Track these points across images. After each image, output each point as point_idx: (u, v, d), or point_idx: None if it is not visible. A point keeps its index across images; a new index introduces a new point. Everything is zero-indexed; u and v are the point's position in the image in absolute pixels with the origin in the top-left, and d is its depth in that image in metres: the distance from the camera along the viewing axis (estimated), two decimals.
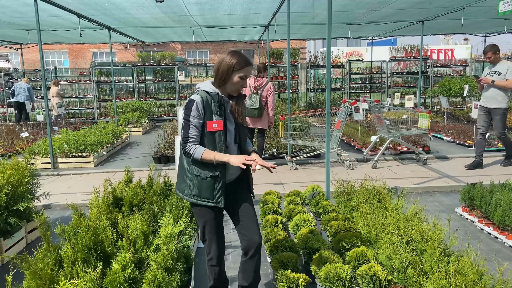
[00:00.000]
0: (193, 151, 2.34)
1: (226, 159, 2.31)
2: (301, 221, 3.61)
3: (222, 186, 2.42)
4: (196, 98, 2.36)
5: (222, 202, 2.43)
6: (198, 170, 2.41)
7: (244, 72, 2.39)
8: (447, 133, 9.53)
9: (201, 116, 2.35)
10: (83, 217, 3.05)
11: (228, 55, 2.42)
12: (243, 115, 2.52)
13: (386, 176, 6.14)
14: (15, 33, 12.00)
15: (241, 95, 2.55)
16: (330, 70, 4.53)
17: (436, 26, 12.91)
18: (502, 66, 6.15)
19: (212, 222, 2.51)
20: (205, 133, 2.38)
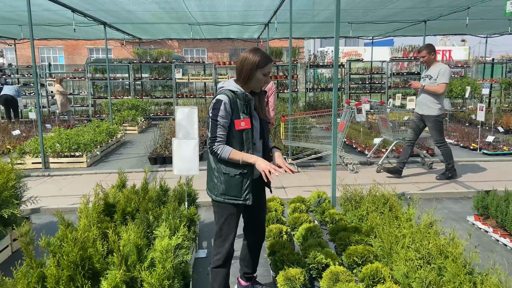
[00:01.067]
0: (220, 151, 2.39)
1: (253, 161, 2.37)
2: (307, 232, 3.36)
3: (250, 183, 2.45)
4: (223, 98, 2.39)
5: (250, 199, 2.46)
6: (226, 167, 2.45)
7: (268, 68, 2.45)
8: (450, 136, 9.32)
9: (228, 116, 2.39)
10: (71, 227, 2.78)
11: (249, 53, 2.45)
12: (264, 109, 2.60)
13: (391, 180, 5.90)
14: (8, 28, 11.66)
15: (262, 91, 2.60)
16: (337, 69, 4.28)
17: (438, 26, 12.70)
18: (435, 69, 5.63)
19: (233, 220, 2.54)
20: (233, 132, 2.42)
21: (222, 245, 2.56)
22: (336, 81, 4.31)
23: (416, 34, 14.40)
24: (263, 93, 2.60)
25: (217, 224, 2.58)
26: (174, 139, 3.63)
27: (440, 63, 5.77)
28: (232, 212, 2.51)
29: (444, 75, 5.54)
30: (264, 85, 2.51)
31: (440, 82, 5.55)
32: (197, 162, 3.60)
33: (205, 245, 3.94)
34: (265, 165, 2.31)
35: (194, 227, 3.38)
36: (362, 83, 15.61)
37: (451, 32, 15.15)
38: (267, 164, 2.32)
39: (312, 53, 15.45)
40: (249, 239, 2.87)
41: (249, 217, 2.79)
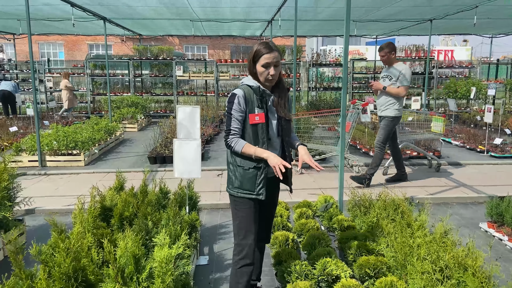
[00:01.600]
0: (234, 144, 2.37)
1: (265, 156, 2.31)
2: (315, 239, 3.18)
3: (264, 177, 2.39)
4: (238, 92, 2.39)
5: (263, 195, 2.40)
6: (241, 160, 2.41)
7: (264, 59, 2.33)
8: (456, 137, 9.14)
9: (242, 109, 2.37)
10: (64, 234, 2.60)
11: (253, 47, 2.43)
12: (285, 108, 2.49)
13: (399, 183, 5.72)
14: (7, 23, 11.45)
15: (284, 88, 2.51)
16: (347, 67, 4.10)
17: (443, 26, 12.50)
18: (395, 70, 5.35)
19: (250, 215, 2.45)
20: (247, 127, 2.39)
21: (244, 242, 2.46)
22: (345, 80, 4.12)
23: (421, 34, 14.20)
24: (284, 90, 2.50)
25: (235, 220, 2.51)
26: (175, 140, 3.45)
27: (401, 63, 5.49)
28: (249, 206, 2.45)
29: (405, 78, 5.30)
30: (270, 78, 2.37)
31: (401, 85, 5.31)
32: (199, 165, 3.42)
33: (206, 251, 3.76)
34: (276, 161, 2.26)
35: (195, 234, 3.20)
36: (366, 82, 15.41)
37: (457, 31, 14.94)
38: (279, 160, 2.26)
39: (315, 52, 15.24)
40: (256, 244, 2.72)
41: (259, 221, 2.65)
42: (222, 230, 4.20)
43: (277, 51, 2.36)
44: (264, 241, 2.76)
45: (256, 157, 2.33)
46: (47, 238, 2.63)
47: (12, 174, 3.81)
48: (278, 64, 2.36)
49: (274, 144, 2.46)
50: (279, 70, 2.39)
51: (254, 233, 2.46)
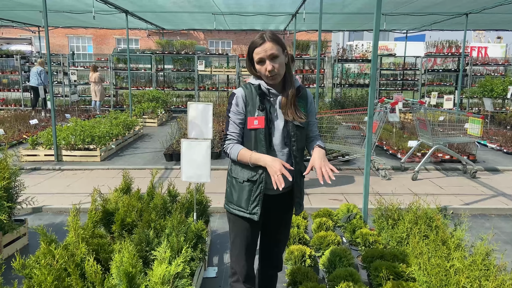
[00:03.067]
0: (229, 150, 2.06)
1: (262, 162, 1.93)
2: (335, 257, 2.81)
3: (260, 194, 2.04)
4: (237, 92, 2.08)
5: (257, 215, 2.05)
6: (236, 171, 2.10)
7: (257, 54, 1.95)
8: (492, 140, 8.51)
9: (241, 111, 2.04)
10: (54, 244, 2.34)
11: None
12: (293, 110, 2.03)
13: (429, 190, 5.26)
14: (29, 15, 11.47)
15: (292, 84, 2.05)
16: (376, 63, 3.69)
17: (479, 20, 11.75)
18: None
19: (244, 235, 2.14)
20: (245, 131, 2.06)
21: (236, 266, 2.19)
22: (374, 77, 3.71)
23: (455, 29, 13.43)
24: (292, 86, 2.04)
25: (230, 238, 2.24)
26: (183, 140, 3.15)
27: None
28: (243, 226, 2.13)
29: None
30: (269, 75, 1.95)
31: None
32: (208, 168, 3.11)
33: (215, 261, 3.46)
34: (275, 167, 1.85)
35: (202, 245, 2.90)
36: (394, 79, 14.78)
37: (493, 27, 14.06)
38: (278, 166, 1.85)
39: (341, 47, 14.70)
40: (263, 268, 2.42)
41: (264, 240, 2.33)
42: None
43: (272, 40, 1.94)
44: (275, 269, 2.39)
45: (253, 164, 1.97)
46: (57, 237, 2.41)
47: (14, 172, 3.61)
48: (275, 56, 1.93)
49: (279, 155, 2.04)
50: (279, 62, 1.95)
51: (248, 257, 2.16)
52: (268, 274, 2.39)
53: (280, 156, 2.04)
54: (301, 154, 2.13)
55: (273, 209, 2.16)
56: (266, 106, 2.03)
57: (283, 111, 2.04)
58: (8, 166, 3.51)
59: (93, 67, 12.47)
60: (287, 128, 2.05)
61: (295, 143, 2.06)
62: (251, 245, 2.17)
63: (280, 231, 2.29)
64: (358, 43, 20.31)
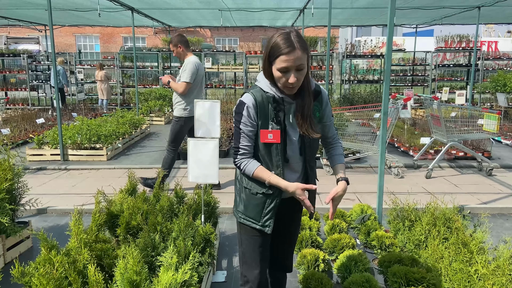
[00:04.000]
0: (244, 166, 1.90)
1: (283, 186, 1.84)
2: (350, 261, 2.67)
3: (274, 207, 1.93)
4: (247, 100, 1.84)
5: (270, 227, 1.95)
6: (249, 182, 1.96)
7: (283, 62, 1.71)
8: (507, 136, 8.27)
9: (253, 123, 1.86)
10: (55, 250, 2.23)
11: (270, 38, 1.78)
12: (308, 126, 1.86)
13: (445, 189, 5.09)
14: (36, 13, 11.42)
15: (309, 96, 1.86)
16: (390, 58, 3.52)
17: (491, 14, 11.45)
18: (183, 65, 4.77)
19: (255, 246, 2.03)
20: (258, 144, 1.89)
21: (249, 274, 2.06)
22: (388, 72, 3.55)
23: (467, 23, 13.14)
24: (309, 99, 1.85)
25: (240, 246, 2.11)
26: (189, 139, 3.03)
27: (190, 57, 4.77)
28: (254, 235, 2.02)
29: (185, 73, 4.63)
30: (290, 87, 1.77)
31: (182, 80, 4.65)
32: (216, 168, 2.99)
33: (224, 264, 3.33)
34: (302, 197, 1.84)
35: (210, 249, 2.78)
36: (403, 75, 14.52)
37: (506, 20, 13.73)
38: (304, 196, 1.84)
39: (350, 42, 14.48)
40: (273, 271, 2.29)
41: (274, 242, 2.18)
42: None
43: (302, 48, 1.71)
44: (284, 271, 2.29)
45: (271, 185, 1.87)
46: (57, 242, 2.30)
47: (17, 172, 3.52)
48: (302, 68, 1.73)
49: (294, 166, 1.92)
50: (303, 74, 1.76)
51: (261, 266, 2.04)
52: (277, 276, 2.29)
53: (295, 168, 1.94)
54: (313, 160, 2.03)
55: (284, 212, 2.04)
56: (280, 117, 1.85)
57: (298, 125, 1.87)
58: (11, 167, 3.42)
59: (99, 65, 12.41)
60: (303, 140, 1.91)
61: (309, 152, 1.94)
62: (264, 252, 2.06)
63: (290, 233, 2.20)
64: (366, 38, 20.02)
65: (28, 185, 3.64)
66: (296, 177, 1.96)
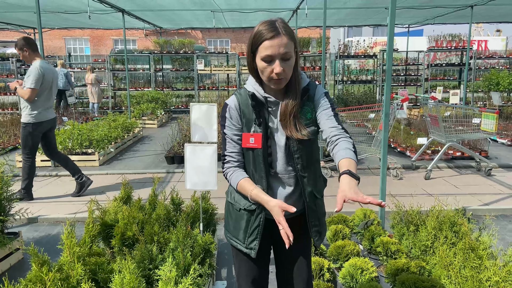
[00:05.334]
0: (229, 177, 1.69)
1: (264, 202, 1.55)
2: (356, 269, 2.57)
3: (259, 226, 1.68)
4: (229, 102, 1.69)
5: (254, 250, 1.70)
6: (234, 196, 1.76)
7: (266, 49, 1.49)
8: (502, 135, 8.26)
9: (237, 126, 1.68)
10: (47, 266, 2.10)
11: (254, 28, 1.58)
12: (292, 125, 1.60)
13: (445, 190, 5.02)
14: (25, 16, 11.20)
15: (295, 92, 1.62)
16: (391, 57, 3.44)
17: (484, 13, 11.48)
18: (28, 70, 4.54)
19: (248, 267, 1.79)
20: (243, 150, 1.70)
21: None
22: (389, 73, 3.46)
23: (459, 22, 13.18)
24: (296, 95, 1.62)
25: (234, 268, 1.90)
26: (186, 145, 2.91)
27: (36, 61, 4.58)
28: (244, 259, 1.79)
29: (28, 79, 4.44)
30: (275, 78, 1.53)
31: (26, 87, 4.45)
32: (215, 175, 2.87)
33: (224, 273, 3.22)
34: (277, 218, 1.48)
35: (210, 259, 2.66)
36: (396, 75, 14.53)
37: (498, 19, 13.78)
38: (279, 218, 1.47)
39: (342, 43, 14.44)
40: None
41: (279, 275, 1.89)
42: None
43: (288, 34, 1.52)
44: None
45: (253, 200, 1.61)
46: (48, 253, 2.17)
47: (6, 182, 3.37)
48: (288, 57, 1.52)
49: (283, 177, 1.67)
50: (291, 65, 1.55)
51: None
52: None
53: (285, 179, 1.67)
54: (312, 171, 1.70)
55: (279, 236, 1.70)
56: (264, 118, 1.65)
57: (282, 125, 1.64)
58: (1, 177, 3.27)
59: (90, 68, 12.21)
60: (289, 144, 1.64)
61: (299, 161, 1.65)
62: (259, 280, 1.81)
63: (296, 263, 1.80)
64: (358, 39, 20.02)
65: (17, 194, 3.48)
66: (289, 192, 1.69)
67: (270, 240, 1.82)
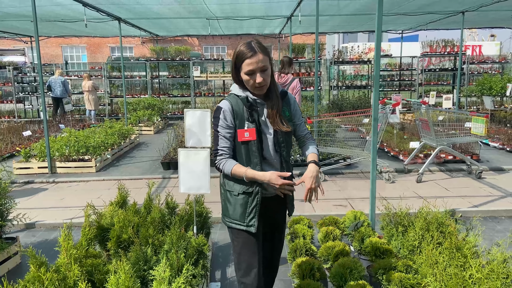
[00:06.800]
0: (222, 166, 2.05)
1: (259, 179, 1.97)
2: (345, 269, 2.65)
3: (256, 205, 2.04)
4: (223, 105, 2.07)
5: (254, 227, 2.05)
6: (229, 184, 2.09)
7: (248, 66, 1.94)
8: (494, 139, 8.39)
9: (230, 125, 2.05)
10: (45, 267, 2.17)
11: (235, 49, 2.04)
12: (279, 121, 2.07)
13: (436, 193, 5.12)
14: (22, 25, 11.30)
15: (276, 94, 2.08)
16: (379, 63, 3.54)
17: (475, 19, 11.67)
18: None
19: (249, 246, 2.09)
20: (236, 144, 2.07)
21: (246, 280, 2.10)
22: (377, 79, 3.57)
23: (451, 27, 13.36)
24: (277, 97, 2.09)
25: (234, 253, 2.20)
26: (180, 150, 2.99)
27: None
28: (245, 238, 2.10)
29: None
30: (258, 86, 1.98)
31: None
32: (208, 179, 2.95)
33: (218, 275, 3.29)
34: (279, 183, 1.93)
35: (203, 260, 2.74)
36: (391, 80, 14.69)
37: (489, 25, 13.99)
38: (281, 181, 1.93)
39: (337, 49, 14.61)
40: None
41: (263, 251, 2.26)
42: None
43: (263, 51, 1.96)
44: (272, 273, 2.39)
45: (248, 179, 1.98)
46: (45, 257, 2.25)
47: (4, 188, 3.44)
48: (265, 69, 1.97)
49: (272, 162, 2.08)
50: (268, 74, 2.00)
51: (256, 271, 2.09)
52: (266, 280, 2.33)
53: (273, 163, 2.08)
54: (289, 156, 2.17)
55: (268, 213, 2.15)
56: (254, 116, 2.04)
57: (270, 122, 2.07)
58: None
59: (86, 75, 12.30)
60: (277, 136, 2.08)
61: (284, 149, 2.10)
62: (256, 256, 2.11)
63: (275, 235, 2.30)
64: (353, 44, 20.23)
65: (15, 199, 3.56)
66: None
67: (261, 221, 2.11)
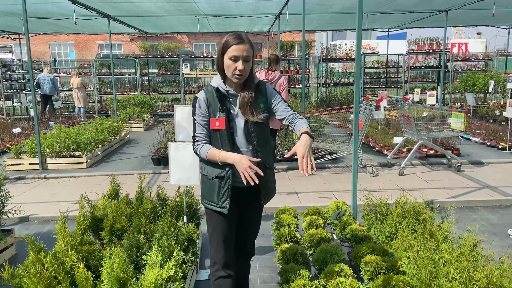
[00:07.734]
0: (199, 151, 2.19)
1: (231, 160, 2.05)
2: (326, 254, 2.84)
3: (228, 189, 2.17)
4: (199, 95, 2.22)
5: (226, 208, 2.18)
6: (207, 169, 2.23)
7: (234, 51, 2.04)
8: (475, 134, 8.67)
9: (204, 113, 2.18)
10: (43, 253, 2.31)
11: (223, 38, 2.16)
12: (250, 111, 2.14)
13: (416, 185, 5.34)
14: (11, 22, 11.28)
15: (251, 86, 2.17)
16: (360, 61, 3.73)
17: (459, 17, 11.97)
18: None
19: (221, 226, 2.24)
20: (211, 132, 2.19)
21: (216, 256, 2.27)
22: (358, 75, 3.75)
23: (436, 26, 13.66)
24: (251, 88, 2.17)
25: (208, 230, 2.34)
26: (170, 143, 3.14)
27: None
28: (218, 218, 2.24)
29: None
30: (238, 73, 2.07)
31: None
32: (197, 170, 3.10)
33: (208, 263, 3.45)
34: (244, 164, 1.98)
35: (193, 247, 2.89)
36: (377, 77, 14.95)
37: (473, 23, 14.33)
38: (246, 162, 1.98)
39: (325, 47, 14.82)
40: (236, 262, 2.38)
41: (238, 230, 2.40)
42: None
43: (250, 43, 2.09)
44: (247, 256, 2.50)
45: (221, 162, 2.09)
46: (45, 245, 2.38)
47: (0, 180, 3.55)
48: (248, 59, 2.08)
49: (244, 151, 2.16)
50: (249, 66, 2.11)
51: (227, 247, 2.25)
52: (241, 263, 2.46)
53: (245, 153, 2.15)
54: (265, 148, 2.22)
55: (243, 201, 2.28)
56: (226, 106, 2.15)
57: (241, 112, 2.16)
58: None
59: (75, 73, 12.30)
60: (247, 126, 2.16)
61: (255, 139, 2.16)
62: (228, 236, 2.25)
63: (251, 221, 2.41)
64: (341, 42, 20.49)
65: (9, 193, 3.67)
66: None
67: (236, 206, 2.24)
